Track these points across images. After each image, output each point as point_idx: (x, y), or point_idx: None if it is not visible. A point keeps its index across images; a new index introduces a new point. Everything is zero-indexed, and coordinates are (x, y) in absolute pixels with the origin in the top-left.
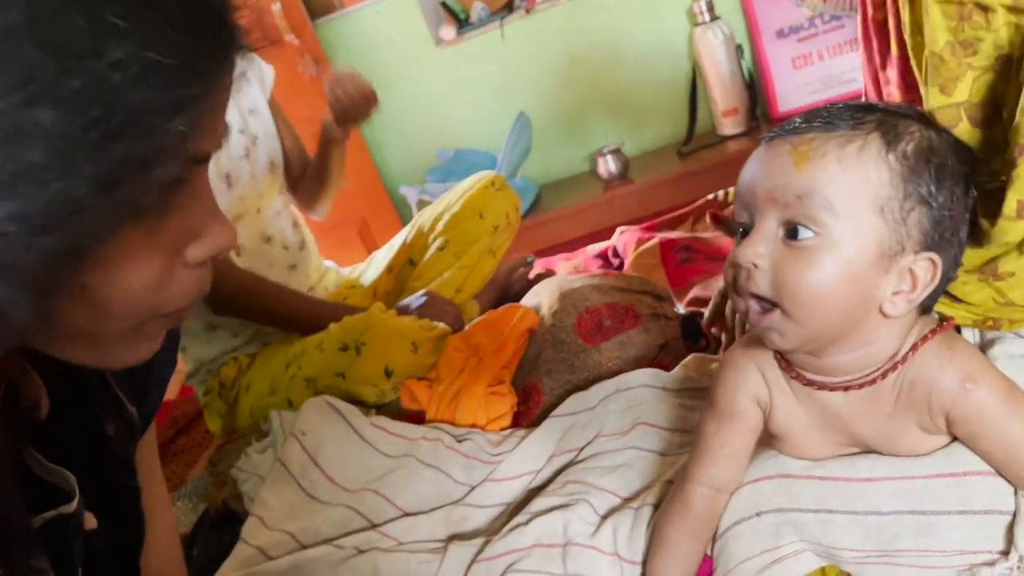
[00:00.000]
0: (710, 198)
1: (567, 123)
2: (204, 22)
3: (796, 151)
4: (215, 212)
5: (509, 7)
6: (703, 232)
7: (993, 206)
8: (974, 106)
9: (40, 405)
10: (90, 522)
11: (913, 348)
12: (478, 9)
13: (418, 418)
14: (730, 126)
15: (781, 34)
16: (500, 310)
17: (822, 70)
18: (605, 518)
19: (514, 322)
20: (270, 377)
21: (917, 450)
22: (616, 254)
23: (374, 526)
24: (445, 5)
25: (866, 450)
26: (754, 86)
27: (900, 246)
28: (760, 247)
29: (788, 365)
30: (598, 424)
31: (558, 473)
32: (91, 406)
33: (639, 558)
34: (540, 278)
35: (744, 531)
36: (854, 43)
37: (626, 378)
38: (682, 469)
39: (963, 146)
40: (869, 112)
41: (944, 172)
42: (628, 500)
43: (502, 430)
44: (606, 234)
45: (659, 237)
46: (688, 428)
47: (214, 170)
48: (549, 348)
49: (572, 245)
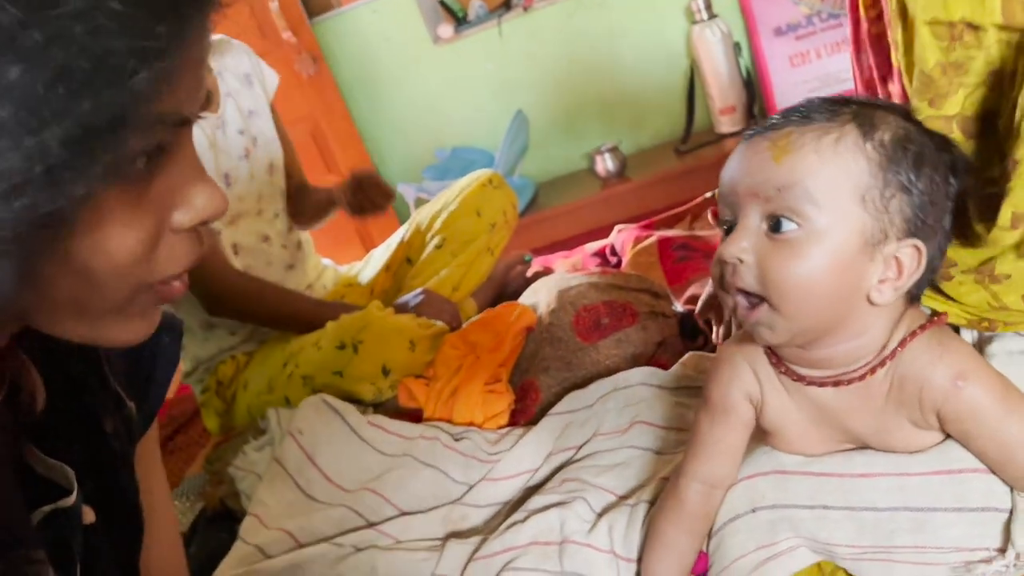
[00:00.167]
0: (708, 196)
1: (565, 121)
2: None
3: (775, 146)
4: (203, 178)
5: (507, 5)
6: (701, 230)
7: (989, 212)
8: (966, 119)
9: (37, 399)
10: (88, 516)
11: (902, 343)
12: (476, 7)
13: (415, 416)
14: (728, 124)
15: (779, 32)
16: (498, 308)
17: (820, 68)
18: (601, 516)
19: (512, 320)
20: (268, 375)
21: (911, 446)
22: (614, 252)
23: (372, 525)
24: (443, 3)
25: (861, 446)
26: (752, 84)
27: (883, 234)
28: (744, 242)
29: (778, 360)
30: (596, 422)
31: (556, 471)
32: (89, 401)
33: (635, 555)
34: (538, 276)
35: (739, 527)
36: None
37: (624, 376)
38: (678, 466)
39: (940, 136)
40: (845, 105)
41: (922, 159)
42: (624, 498)
43: (500, 428)
44: (604, 232)
45: (657, 235)
46: (685, 426)
47: (213, 168)
48: (547, 346)
49: (570, 243)
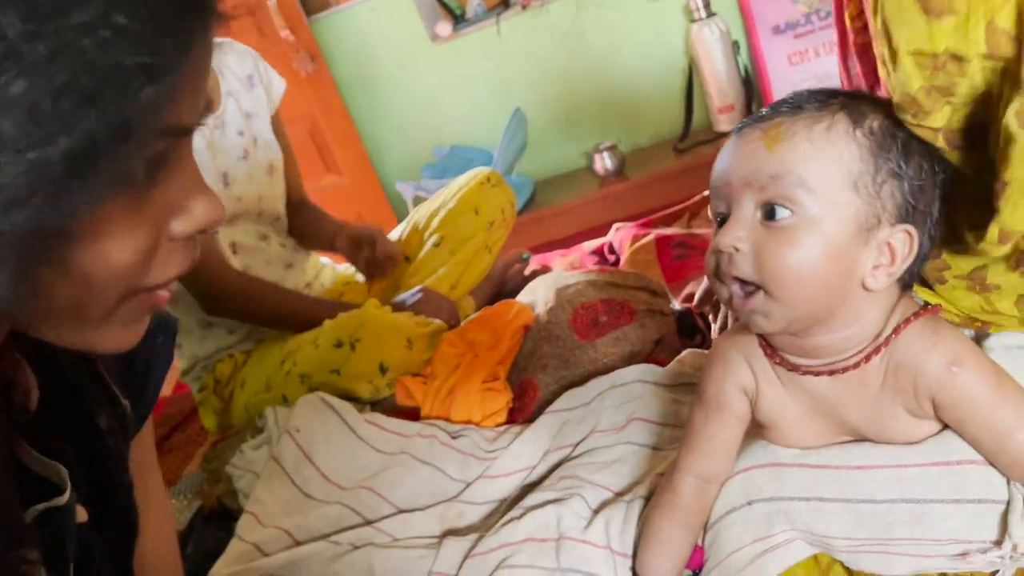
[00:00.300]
0: (706, 194)
1: (563, 119)
2: None
3: (766, 135)
4: (201, 187)
5: (505, 3)
6: (699, 228)
7: (978, 222)
8: (953, 132)
9: (31, 397)
10: (82, 515)
11: (896, 330)
12: (474, 5)
13: (413, 415)
14: (726, 122)
15: (777, 30)
16: (496, 306)
17: (818, 66)
18: (598, 512)
19: (509, 318)
20: (265, 373)
21: (908, 436)
22: (612, 250)
23: (369, 522)
24: (441, 1)
25: (857, 438)
26: (750, 82)
27: (876, 219)
28: (740, 231)
29: (773, 351)
30: (593, 420)
31: (553, 469)
32: (83, 399)
33: (631, 551)
34: (536, 274)
35: (736, 520)
36: None
37: (621, 374)
38: (673, 461)
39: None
40: (832, 96)
41: (910, 146)
42: (621, 494)
43: (497, 426)
44: (602, 230)
45: (655, 233)
46: (682, 423)
47: (211, 168)
48: (545, 344)
49: (568, 241)
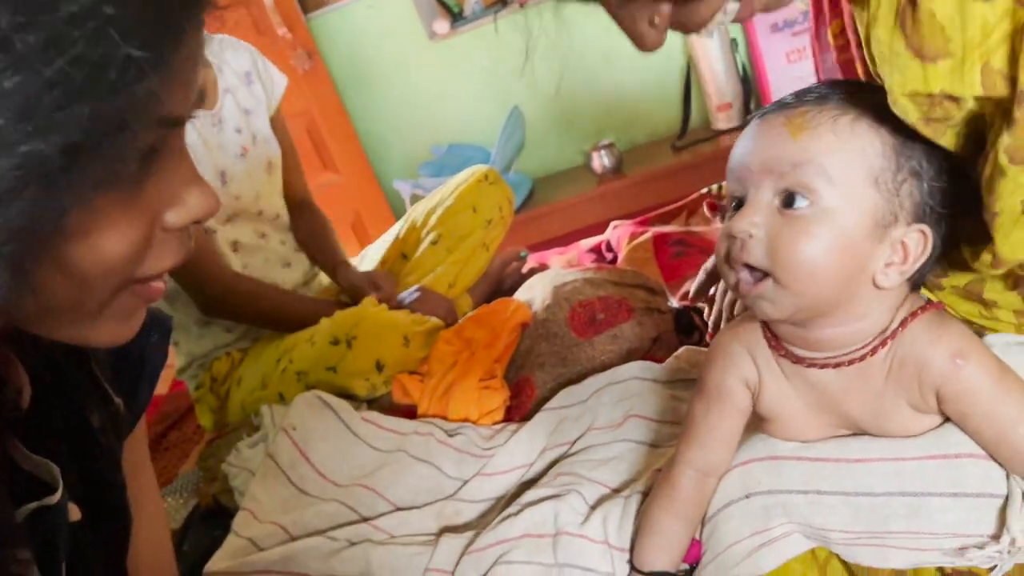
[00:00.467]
0: (704, 192)
1: (561, 117)
2: None
3: (791, 123)
4: (195, 178)
5: (503, 1)
6: (696, 226)
7: (976, 237)
8: (960, 150)
9: (23, 394)
10: (74, 513)
11: (903, 324)
12: (472, 3)
13: (410, 412)
14: (724, 120)
15: (775, 28)
16: (493, 304)
17: None
18: (595, 508)
19: (507, 316)
20: (261, 371)
21: (908, 430)
22: (609, 248)
23: (365, 519)
24: None
25: (856, 431)
26: (748, 80)
27: (893, 216)
28: (756, 216)
29: (777, 343)
30: (590, 417)
31: (550, 466)
32: (75, 397)
33: (629, 545)
34: (533, 272)
35: (734, 513)
36: None
37: (618, 371)
38: (672, 455)
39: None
40: (859, 89)
41: (934, 148)
42: (618, 490)
43: (494, 424)
44: (599, 228)
45: (652, 231)
46: (679, 420)
47: (209, 166)
48: (542, 342)
49: (565, 239)
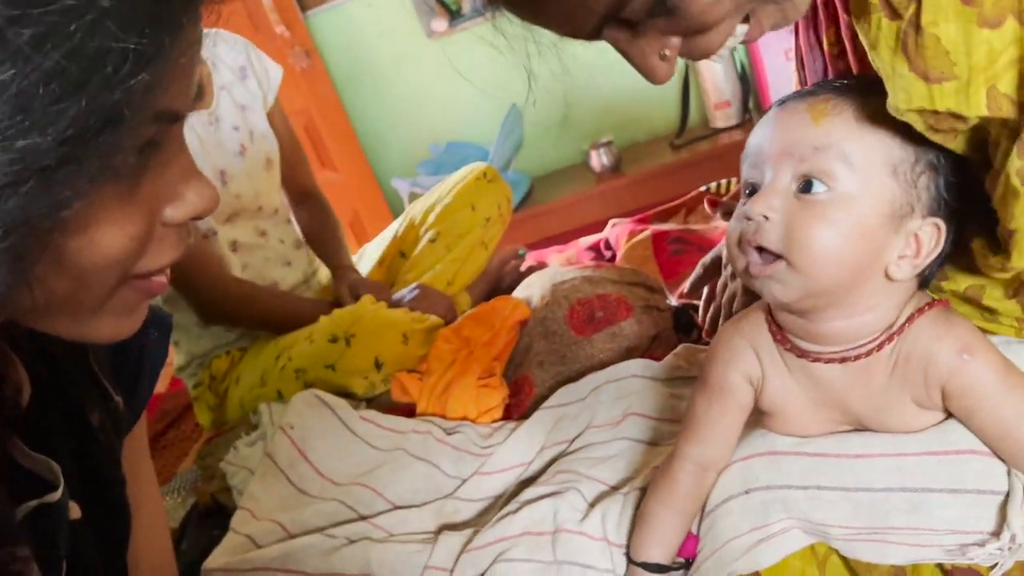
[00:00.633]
0: (703, 190)
1: (559, 116)
2: None
3: (813, 108)
4: (194, 173)
5: None
6: (695, 224)
7: (988, 232)
8: (967, 153)
9: (22, 392)
10: (74, 511)
11: (909, 320)
12: (470, 1)
13: (409, 411)
14: (722, 118)
15: (774, 26)
16: (492, 302)
17: None
18: (594, 505)
19: (506, 314)
20: (260, 368)
21: (910, 426)
22: (608, 246)
23: (364, 518)
24: None
25: (858, 427)
26: (747, 78)
27: (910, 207)
28: (773, 199)
29: (782, 336)
30: (589, 415)
31: (549, 465)
32: (75, 395)
33: (627, 542)
34: (532, 270)
35: (733, 509)
36: None
37: (616, 368)
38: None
39: None
40: (879, 84)
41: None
42: (617, 488)
43: (493, 422)
44: (598, 227)
45: (651, 229)
46: (678, 417)
47: (207, 166)
48: (541, 340)
49: (564, 237)
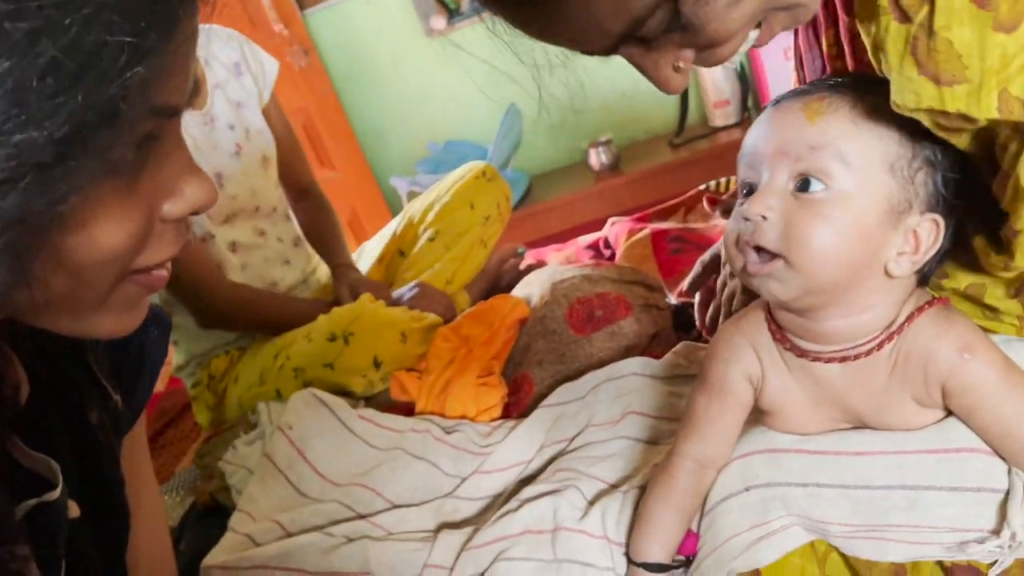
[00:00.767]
0: (702, 188)
1: (558, 114)
2: None
3: (808, 107)
4: (192, 168)
5: None
6: (695, 223)
7: (990, 230)
8: (973, 152)
9: (20, 391)
10: (73, 510)
11: (909, 318)
12: None
13: (408, 410)
14: (721, 117)
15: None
16: (491, 301)
17: None
18: (593, 503)
19: (504, 313)
20: (259, 367)
21: (910, 424)
22: (607, 245)
23: (363, 517)
24: None
25: (858, 425)
26: (746, 77)
27: (908, 203)
28: (771, 199)
29: (782, 335)
30: (588, 413)
31: (548, 463)
32: (73, 393)
33: (627, 540)
34: (531, 269)
35: (732, 506)
36: None
37: (616, 367)
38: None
39: None
40: (874, 82)
41: (948, 142)
42: (616, 486)
43: (492, 421)
44: (597, 225)
45: (650, 228)
46: (678, 416)
47: (206, 168)
48: (540, 339)
49: (563, 236)
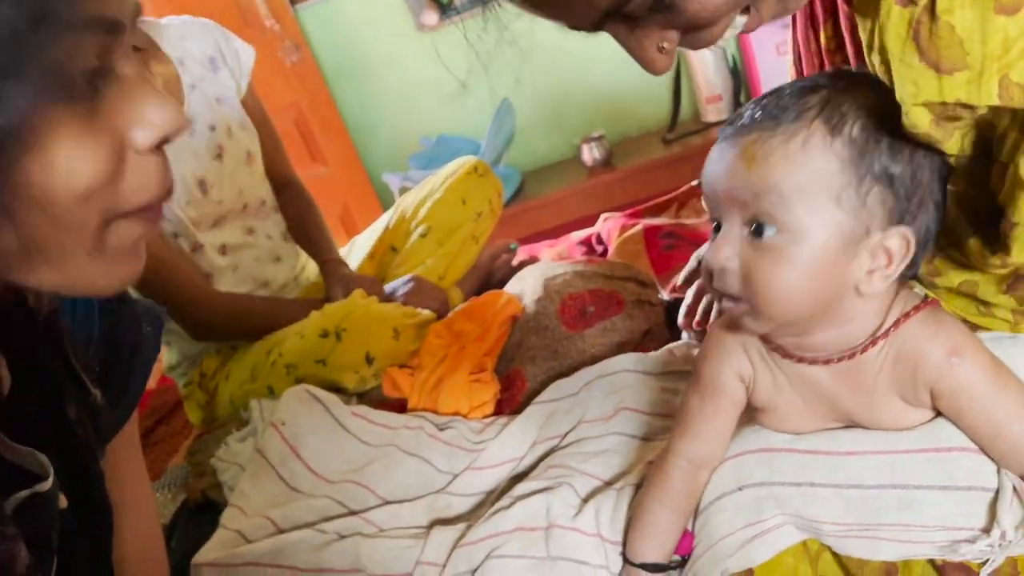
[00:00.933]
0: (694, 184)
1: (551, 110)
2: None
3: (744, 154)
4: (156, 95)
5: None
6: (687, 219)
7: (980, 223)
8: (965, 156)
9: (2, 383)
10: (61, 501)
11: (896, 323)
12: None
13: (400, 406)
14: (714, 112)
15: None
16: (483, 297)
17: None
18: (587, 500)
19: (497, 309)
20: (251, 364)
21: (900, 423)
22: (600, 241)
23: (355, 513)
24: None
25: (849, 424)
26: (738, 72)
27: (864, 229)
28: (728, 249)
29: (769, 338)
30: (581, 410)
31: (541, 460)
32: (52, 386)
33: (621, 538)
34: (523, 265)
35: (726, 505)
36: None
37: (608, 363)
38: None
39: None
40: (814, 93)
41: (897, 142)
42: (610, 483)
43: (485, 418)
44: (590, 221)
45: (643, 224)
46: (671, 412)
47: (187, 176)
48: (532, 335)
49: (556, 232)
